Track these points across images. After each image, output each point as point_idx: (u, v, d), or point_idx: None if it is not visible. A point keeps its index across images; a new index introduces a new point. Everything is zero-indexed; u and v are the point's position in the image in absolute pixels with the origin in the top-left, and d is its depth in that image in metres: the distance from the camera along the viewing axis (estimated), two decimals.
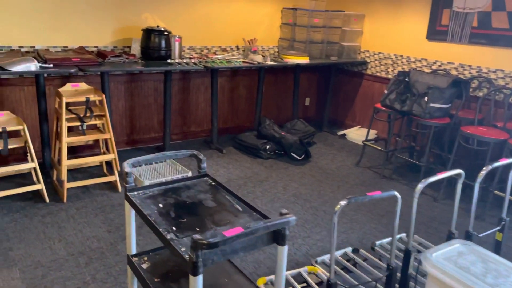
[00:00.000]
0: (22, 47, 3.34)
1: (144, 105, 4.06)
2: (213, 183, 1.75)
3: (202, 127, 4.51)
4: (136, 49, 3.79)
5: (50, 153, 3.35)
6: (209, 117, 4.51)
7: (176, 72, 4.06)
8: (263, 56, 4.13)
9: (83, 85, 3.11)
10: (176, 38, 3.82)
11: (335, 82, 4.95)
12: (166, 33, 3.67)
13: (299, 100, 5.17)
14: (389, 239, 2.49)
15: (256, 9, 4.48)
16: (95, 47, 3.67)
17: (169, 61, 3.63)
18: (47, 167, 3.33)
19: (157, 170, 3.52)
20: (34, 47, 3.39)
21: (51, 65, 2.99)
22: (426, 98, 3.32)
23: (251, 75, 4.65)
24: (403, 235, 2.56)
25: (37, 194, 2.98)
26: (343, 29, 4.60)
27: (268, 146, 3.97)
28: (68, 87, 3.05)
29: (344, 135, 4.78)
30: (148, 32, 3.63)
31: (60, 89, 3.00)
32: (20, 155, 3.42)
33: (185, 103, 4.30)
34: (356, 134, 4.66)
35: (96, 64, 3.26)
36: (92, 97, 2.94)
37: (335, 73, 4.95)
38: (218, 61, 3.89)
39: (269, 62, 4.03)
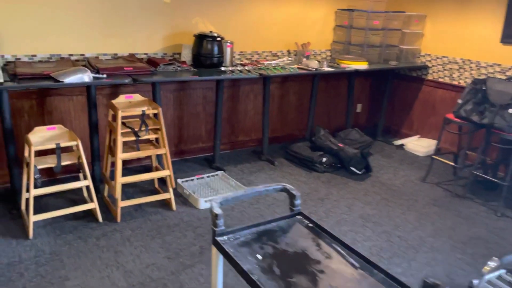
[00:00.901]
0: (72, 55, 3.18)
1: (193, 114, 3.86)
2: (310, 225, 1.50)
3: (250, 136, 4.28)
4: (186, 55, 3.59)
5: (100, 167, 3.19)
6: (257, 126, 4.27)
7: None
8: (318, 61, 3.85)
9: (137, 97, 2.92)
10: (228, 44, 3.60)
11: (391, 88, 4.62)
12: (219, 39, 3.44)
13: (353, 109, 4.86)
14: (486, 276, 2.18)
15: (309, 11, 4.20)
16: (145, 54, 3.49)
17: (222, 68, 3.41)
18: (97, 181, 3.17)
19: (210, 185, 3.31)
20: (84, 55, 3.23)
21: (104, 75, 2.81)
22: (510, 110, 2.97)
23: (302, 81, 4.38)
24: (502, 272, 2.24)
25: (89, 212, 2.81)
26: (403, 31, 4.27)
27: (324, 159, 3.69)
28: (121, 98, 2.86)
29: (401, 145, 4.45)
30: (201, 38, 3.42)
31: (114, 101, 2.81)
32: (72, 171, 3.27)
33: (233, 112, 4.07)
34: (416, 144, 4.32)
35: (148, 73, 3.06)
36: (148, 110, 2.74)
37: (391, 77, 4.62)
38: (272, 67, 3.64)
39: (326, 68, 3.75)
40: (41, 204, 2.84)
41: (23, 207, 2.74)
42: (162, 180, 3.22)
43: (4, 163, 3.12)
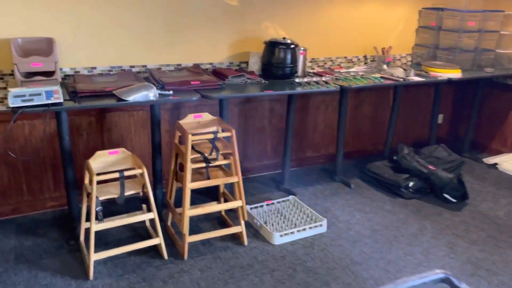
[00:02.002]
0: (133, 66, 2.89)
1: (258, 128, 3.49)
2: None
3: (319, 152, 3.85)
4: (254, 64, 3.21)
5: (162, 192, 2.88)
6: (328, 140, 3.84)
7: None
8: (404, 69, 3.35)
9: (206, 116, 2.57)
10: (301, 51, 3.18)
11: (481, 97, 4.02)
12: (293, 46, 3.03)
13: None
14: None
15: (388, 11, 3.70)
16: (210, 64, 3.14)
17: (297, 80, 3.00)
18: (159, 206, 2.87)
19: (282, 213, 2.92)
20: (146, 66, 2.93)
21: (171, 92, 2.49)
22: None
23: (379, 91, 3.89)
24: None
25: (152, 246, 2.50)
26: (501, 33, 3.67)
27: (411, 183, 3.20)
28: (189, 118, 2.53)
29: (495, 164, 3.85)
30: (272, 46, 3.02)
31: (182, 122, 2.48)
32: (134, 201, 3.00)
33: (301, 125, 3.65)
34: None
35: (216, 87, 2.71)
36: (220, 133, 2.38)
37: (483, 85, 4.02)
38: (352, 77, 3.19)
39: (415, 78, 3.24)
40: (100, 235, 2.56)
41: (81, 238, 2.47)
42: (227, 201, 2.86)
43: (61, 184, 2.89)
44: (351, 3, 3.50)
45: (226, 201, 2.84)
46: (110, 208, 2.62)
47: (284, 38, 3.04)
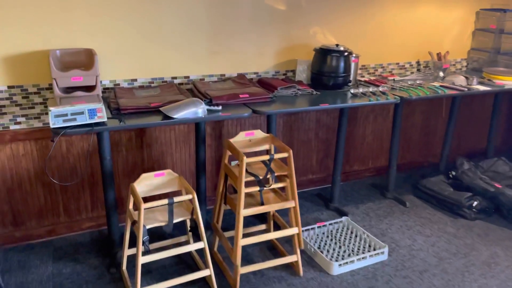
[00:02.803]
0: (175, 78, 2.69)
1: (304, 141, 3.25)
2: None
3: (367, 165, 3.58)
4: (302, 73, 2.97)
5: (206, 213, 2.68)
6: (376, 153, 3.57)
7: None
8: (465, 77, 3.06)
9: (258, 133, 2.34)
10: (353, 58, 2.93)
11: None
12: (346, 53, 2.78)
13: (485, 127, 4.00)
14: None
15: (444, 13, 3.40)
16: (255, 73, 2.92)
17: (352, 91, 2.74)
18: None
19: (336, 237, 2.67)
20: (188, 77, 2.72)
21: (220, 108, 2.27)
22: None
23: (432, 99, 3.60)
24: None
25: (201, 277, 2.29)
26: None
27: (475, 203, 2.91)
28: (241, 136, 2.30)
29: None
30: (324, 53, 2.78)
31: (233, 140, 2.26)
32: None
33: (349, 136, 3.39)
34: None
35: (267, 100, 2.49)
36: (277, 154, 2.15)
37: None
38: (408, 85, 2.91)
39: (480, 87, 2.95)
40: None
41: (124, 266, 2.28)
42: (277, 224, 2.64)
43: (99, 203, 2.71)
44: (403, 5, 3.22)
45: (276, 224, 2.62)
46: (152, 230, 2.43)
47: (337, 45, 2.79)
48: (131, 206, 2.13)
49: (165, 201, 1.99)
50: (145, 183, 2.13)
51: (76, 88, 2.24)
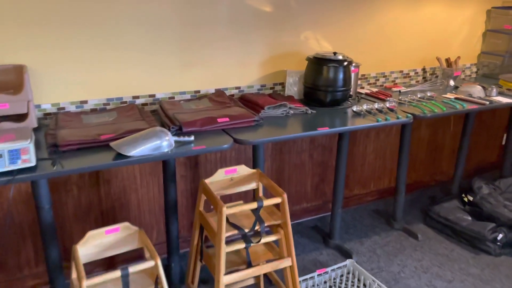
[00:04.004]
0: (137, 97, 2.17)
1: (296, 164, 2.76)
2: None
3: (369, 188, 3.12)
4: (292, 86, 2.49)
5: (179, 265, 2.17)
6: (379, 173, 3.11)
7: None
8: (482, 87, 2.62)
9: (241, 169, 1.84)
10: (353, 68, 2.46)
11: None
12: (346, 63, 2.31)
13: (496, 140, 3.58)
14: None
15: (453, 13, 2.96)
16: (236, 88, 2.42)
17: (354, 109, 2.27)
18: (174, 284, 2.16)
19: (338, 287, 2.19)
20: (154, 96, 2.21)
21: (192, 138, 1.76)
22: None
23: None
24: None
25: None
26: None
27: (500, 236, 2.47)
28: (220, 175, 1.80)
29: None
30: (319, 63, 2.30)
31: (209, 181, 1.75)
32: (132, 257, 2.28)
33: (348, 156, 2.92)
34: None
35: (251, 124, 1.99)
36: (267, 201, 1.66)
37: None
38: (418, 99, 2.46)
39: (502, 99, 2.50)
40: None
41: None
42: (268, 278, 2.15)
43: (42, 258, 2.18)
44: (406, 5, 2.76)
45: (266, 277, 2.12)
46: None
47: (334, 53, 2.31)
48: (74, 275, 1.61)
49: (118, 273, 1.48)
50: (93, 244, 1.61)
51: (2, 118, 1.72)
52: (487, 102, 2.40)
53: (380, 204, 3.08)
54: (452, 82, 2.84)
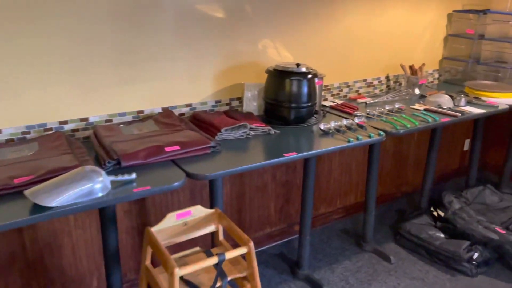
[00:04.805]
0: (65, 122, 1.79)
1: (258, 187, 2.49)
2: None
3: (335, 205, 2.91)
4: (251, 101, 2.21)
5: None
6: (344, 189, 2.90)
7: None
8: (450, 96, 2.47)
9: (197, 211, 1.53)
10: (317, 80, 2.22)
11: None
12: (310, 75, 2.06)
13: (460, 146, 3.51)
14: None
15: (415, 17, 2.81)
16: (187, 106, 2.10)
17: (321, 127, 2.02)
18: None
19: None
20: (87, 119, 1.84)
21: (133, 177, 1.43)
22: None
23: None
24: None
25: None
26: None
27: (476, 255, 2.33)
28: (170, 220, 1.48)
29: None
30: (281, 76, 2.03)
31: (156, 229, 1.43)
32: None
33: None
34: None
35: (206, 151, 1.69)
36: (229, 253, 1.36)
37: None
38: (387, 112, 2.27)
39: (471, 109, 2.36)
40: None
41: None
42: None
43: None
44: (368, 11, 2.57)
45: None
46: None
47: (297, 65, 2.06)
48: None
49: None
50: None
51: None
52: (459, 114, 2.25)
53: (347, 222, 2.88)
54: (417, 91, 2.68)
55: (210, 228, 1.54)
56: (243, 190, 2.44)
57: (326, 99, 2.57)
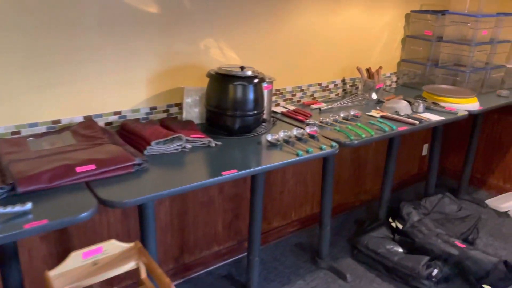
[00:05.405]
0: None
1: (203, 202, 2.24)
2: None
3: (290, 218, 2.71)
4: (192, 108, 1.96)
5: None
6: (300, 200, 2.71)
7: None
8: (408, 102, 2.32)
9: (111, 246, 1.26)
10: (266, 85, 2.00)
11: (481, 122, 3.15)
12: (256, 80, 1.84)
13: (418, 151, 3.41)
14: None
15: (372, 17, 2.65)
16: (115, 114, 1.83)
17: (269, 138, 1.80)
18: None
19: None
20: None
21: (28, 207, 1.15)
22: None
23: None
24: None
25: None
26: None
27: (435, 271, 2.19)
28: (75, 259, 1.21)
29: (506, 211, 3.03)
30: (223, 81, 1.80)
31: (54, 273, 1.15)
32: None
33: (264, 186, 2.48)
34: None
35: (129, 170, 1.43)
36: None
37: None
38: (341, 119, 2.08)
39: (432, 116, 2.21)
40: None
41: None
42: None
43: None
44: (323, 10, 2.39)
45: None
46: None
47: (242, 68, 1.83)
48: None
49: None
50: None
51: None
52: (417, 122, 2.09)
53: (303, 235, 2.69)
54: (374, 95, 2.53)
55: (129, 266, 1.28)
56: (186, 207, 2.19)
57: (278, 104, 2.36)
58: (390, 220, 2.63)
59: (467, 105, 2.40)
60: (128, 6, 1.73)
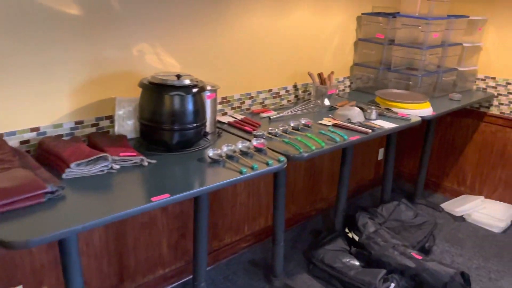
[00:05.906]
0: None
1: (143, 223, 2.04)
2: None
3: (242, 233, 2.55)
4: (124, 121, 1.76)
5: None
6: (253, 214, 2.55)
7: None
8: (361, 109, 2.22)
9: None
10: (208, 93, 1.83)
11: (434, 126, 3.12)
12: (196, 89, 1.66)
13: (374, 156, 3.34)
14: None
15: (323, 20, 2.53)
16: (33, 130, 1.59)
17: (210, 154, 1.62)
18: None
19: None
20: None
21: None
22: None
23: None
24: None
25: None
26: (464, 45, 2.79)
27: (392, 285, 2.10)
28: None
29: (462, 216, 3.01)
30: (157, 91, 1.61)
31: None
32: None
33: (214, 201, 2.31)
34: (486, 215, 2.90)
35: (41, 201, 1.21)
36: None
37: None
38: (292, 129, 1.94)
39: (385, 123, 2.12)
40: None
41: None
42: None
43: None
44: (272, 12, 2.24)
45: None
46: None
47: (178, 76, 1.64)
48: None
49: None
50: None
51: None
52: (370, 130, 1.99)
53: (256, 250, 2.54)
54: (327, 102, 2.41)
55: None
56: (124, 229, 1.98)
57: (225, 113, 2.20)
58: (347, 230, 2.53)
59: (420, 110, 2.33)
60: (42, 7, 1.50)
